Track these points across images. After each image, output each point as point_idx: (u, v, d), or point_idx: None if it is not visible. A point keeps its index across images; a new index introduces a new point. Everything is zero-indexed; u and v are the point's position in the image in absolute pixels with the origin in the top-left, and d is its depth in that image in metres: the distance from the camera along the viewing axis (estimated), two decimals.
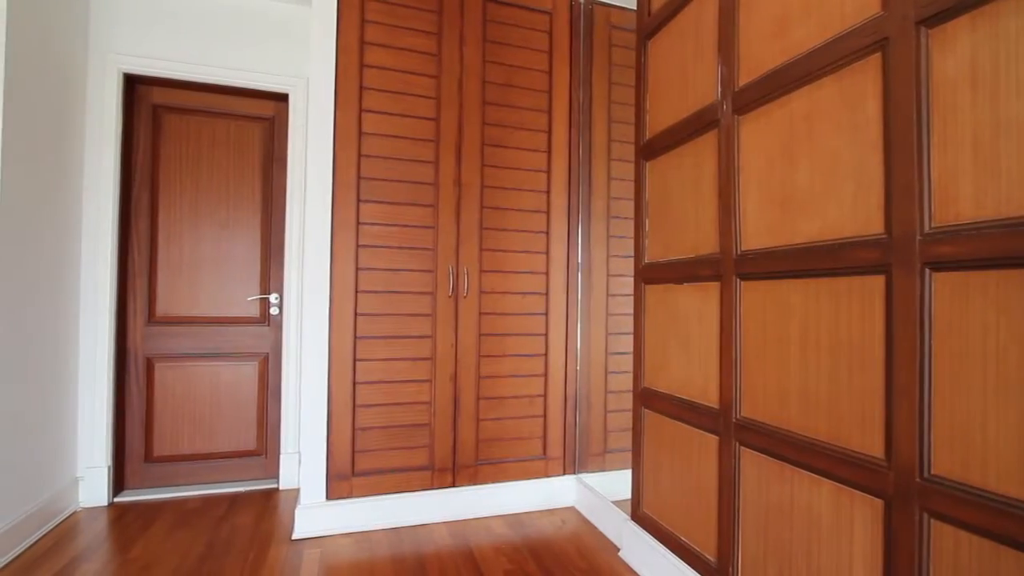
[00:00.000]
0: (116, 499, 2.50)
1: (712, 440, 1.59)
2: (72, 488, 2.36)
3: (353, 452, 2.21)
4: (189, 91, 2.63)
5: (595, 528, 2.28)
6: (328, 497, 2.17)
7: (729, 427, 1.51)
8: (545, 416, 2.48)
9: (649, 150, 1.97)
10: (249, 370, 2.70)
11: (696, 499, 1.66)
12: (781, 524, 1.33)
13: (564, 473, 2.50)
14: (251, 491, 2.65)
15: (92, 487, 2.43)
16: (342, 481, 2.19)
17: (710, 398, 1.61)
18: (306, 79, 2.71)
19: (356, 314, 2.21)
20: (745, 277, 1.47)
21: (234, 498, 2.55)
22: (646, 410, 1.96)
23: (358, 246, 2.22)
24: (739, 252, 1.50)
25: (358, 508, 2.20)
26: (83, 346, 2.42)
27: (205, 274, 2.65)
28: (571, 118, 2.55)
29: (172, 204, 2.61)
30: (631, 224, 2.60)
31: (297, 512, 2.14)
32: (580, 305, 2.54)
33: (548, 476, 2.48)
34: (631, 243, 2.59)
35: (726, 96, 1.55)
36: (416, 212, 2.30)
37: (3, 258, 1.89)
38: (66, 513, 2.31)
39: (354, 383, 2.21)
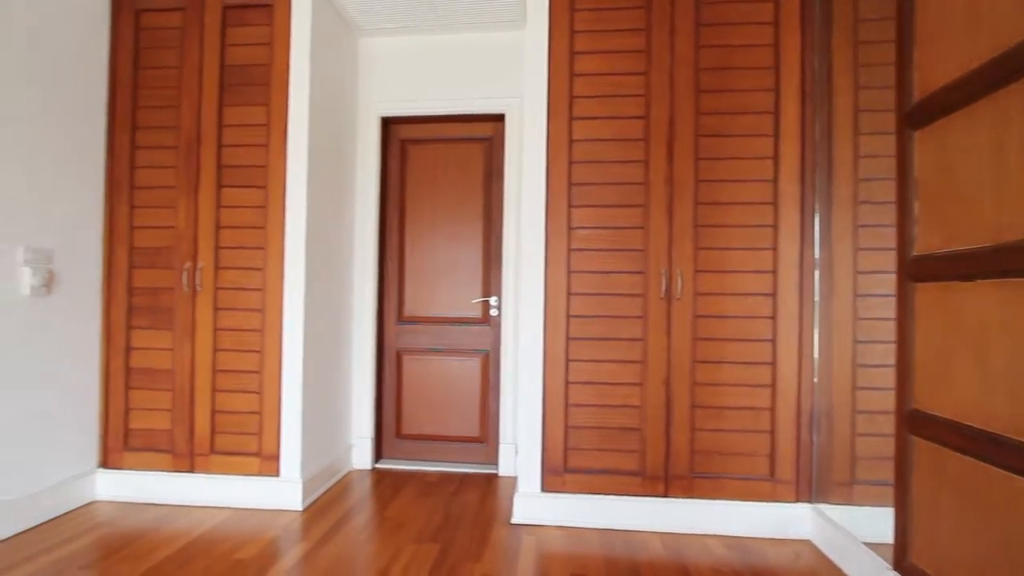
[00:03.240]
0: (376, 465, 3.04)
1: None
2: (347, 453, 2.95)
3: (566, 449, 2.28)
4: (426, 124, 3.08)
5: (839, 570, 1.94)
6: (543, 489, 2.29)
7: None
8: (773, 432, 2.21)
9: (920, 115, 1.60)
10: (473, 365, 3.02)
11: (1004, 561, 1.27)
12: None
13: (797, 500, 2.19)
14: (475, 473, 2.94)
15: (360, 453, 3.00)
16: (555, 476, 2.28)
17: None
18: (520, 97, 2.93)
19: (568, 316, 2.29)
20: None
21: (463, 478, 2.87)
22: (916, 438, 1.59)
23: (569, 250, 2.30)
24: None
25: (570, 504, 2.26)
26: (355, 341, 3.02)
27: (439, 280, 3.06)
28: (803, 92, 2.23)
29: (415, 221, 3.08)
30: (888, 210, 2.14)
31: (515, 499, 2.30)
32: (817, 308, 2.19)
33: (776, 501, 2.19)
34: (889, 233, 2.14)
35: None
36: (626, 213, 2.28)
37: (318, 275, 2.47)
38: (343, 472, 2.90)
39: (567, 382, 2.28)
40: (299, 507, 2.40)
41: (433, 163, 3.07)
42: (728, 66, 2.26)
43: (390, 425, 3.09)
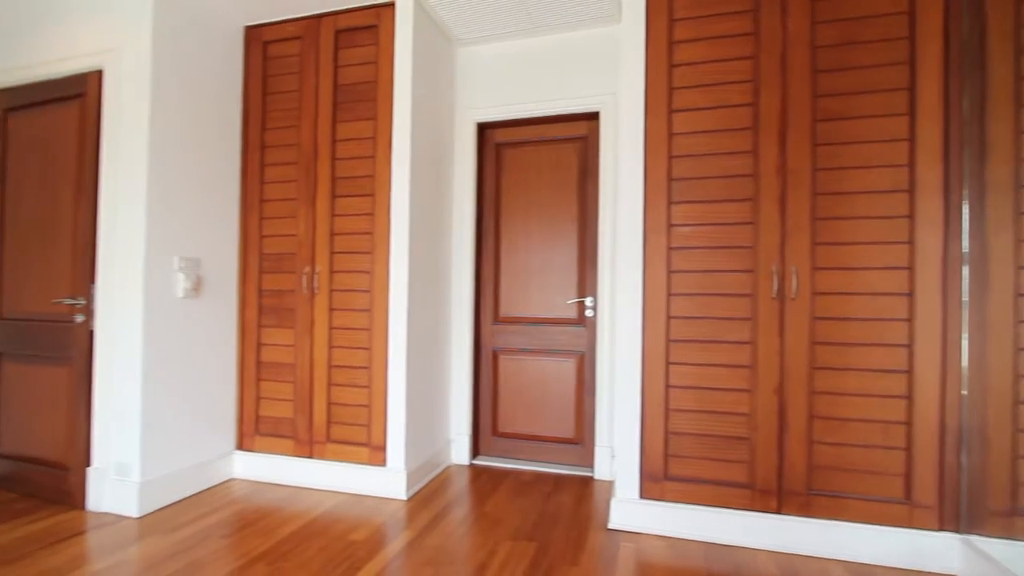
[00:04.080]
0: (474, 461, 3.12)
1: None
2: (447, 448, 3.07)
3: (666, 456, 2.19)
4: (520, 127, 3.12)
5: None
6: (641, 496, 2.22)
7: None
8: (909, 450, 1.95)
9: None
10: (568, 366, 3.01)
11: None
12: None
13: (941, 528, 1.91)
14: (570, 475, 2.92)
15: (459, 449, 3.10)
16: (655, 483, 2.20)
17: None
18: (614, 93, 2.87)
19: (669, 317, 2.20)
20: None
21: (558, 479, 2.87)
22: None
23: (669, 249, 2.20)
24: None
25: (670, 513, 2.17)
26: (453, 340, 3.13)
27: (534, 281, 3.08)
28: (947, 63, 1.95)
29: (510, 223, 3.13)
30: None
31: (612, 504, 2.25)
32: (966, 309, 1.91)
33: (913, 527, 1.94)
34: None
35: None
36: (731, 209, 2.14)
37: (419, 277, 2.60)
38: (443, 466, 3.01)
39: (667, 386, 2.19)
40: (403, 496, 2.54)
41: (527, 165, 3.10)
42: (851, 41, 2.03)
43: (487, 423, 3.17)
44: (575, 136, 3.03)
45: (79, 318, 2.44)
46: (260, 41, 2.83)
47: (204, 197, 2.63)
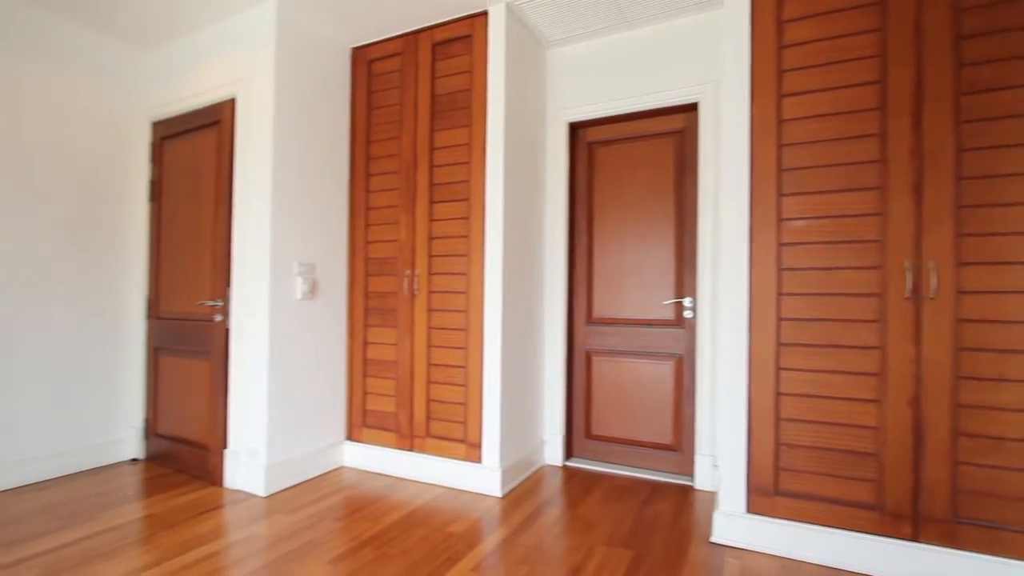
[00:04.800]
0: (567, 463, 3.11)
1: None
2: (540, 448, 3.08)
3: (776, 469, 2.03)
4: (612, 124, 3.05)
5: None
6: (748, 510, 2.07)
7: None
8: None
9: None
10: (666, 369, 2.89)
11: None
12: None
13: None
14: (668, 483, 2.81)
15: (552, 450, 3.10)
16: (763, 497, 2.04)
17: None
18: (715, 82, 2.71)
19: (779, 319, 2.03)
20: None
21: (654, 486, 2.76)
22: None
23: (780, 245, 2.04)
24: None
25: (782, 530, 2.00)
26: (546, 341, 3.14)
27: (628, 281, 3.00)
28: None
29: (603, 222, 3.08)
30: None
31: (715, 516, 2.12)
32: None
33: None
34: None
35: None
36: (853, 199, 1.94)
37: (513, 278, 2.65)
38: (537, 466, 3.03)
39: (777, 393, 2.03)
40: (498, 493, 2.59)
41: (620, 163, 3.03)
42: None
43: (580, 424, 3.14)
44: (671, 130, 2.91)
45: (217, 318, 2.77)
46: (365, 60, 3.04)
47: (318, 207, 2.87)
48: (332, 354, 2.98)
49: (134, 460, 3.11)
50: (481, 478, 2.63)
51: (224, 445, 2.73)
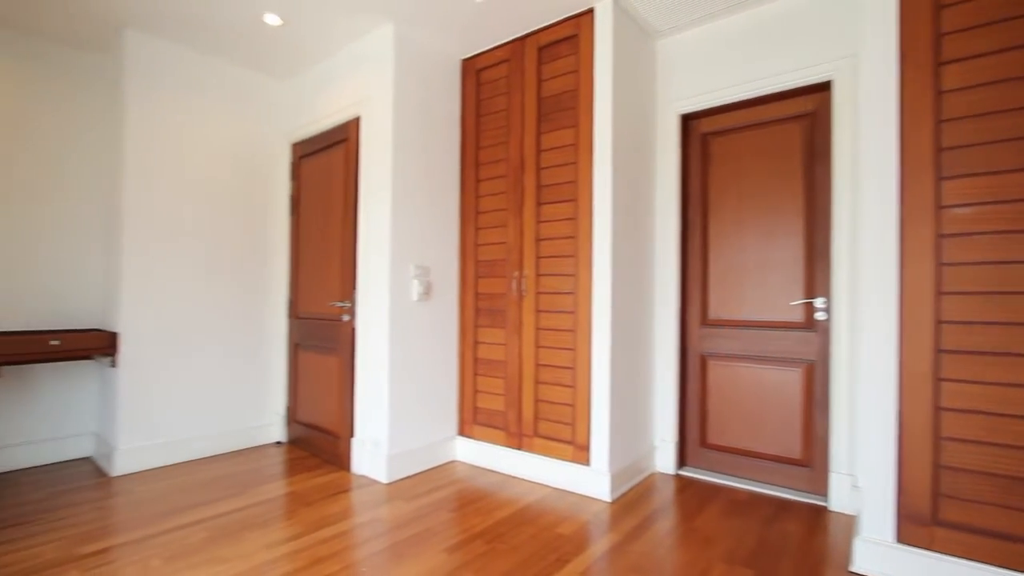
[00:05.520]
0: (680, 471, 2.96)
1: None
2: (650, 454, 2.96)
3: (935, 495, 1.76)
4: (728, 113, 2.86)
5: None
6: (897, 539, 1.82)
7: None
8: None
9: None
10: (793, 376, 2.64)
11: None
12: None
13: None
14: (797, 501, 2.55)
15: (663, 457, 2.97)
16: (918, 526, 1.78)
17: None
18: (851, 56, 2.43)
19: (937, 322, 1.76)
20: None
21: (781, 503, 2.53)
22: None
23: (939, 236, 1.76)
24: None
25: (940, 566, 1.73)
26: (656, 344, 3.02)
27: (748, 280, 2.78)
28: None
29: (719, 218, 2.89)
30: None
31: (856, 543, 1.89)
32: None
33: None
34: None
35: None
36: None
37: (622, 278, 2.59)
38: (647, 472, 2.92)
39: (936, 408, 1.76)
40: (607, 498, 2.53)
41: (738, 154, 2.83)
42: None
43: (694, 432, 2.97)
44: (798, 114, 2.65)
45: (345, 317, 3.03)
46: (474, 70, 3.16)
47: (432, 213, 3.03)
48: (445, 353, 3.13)
49: (278, 443, 3.52)
50: (589, 481, 2.60)
51: (351, 434, 2.98)
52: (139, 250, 2.94)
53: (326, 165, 3.25)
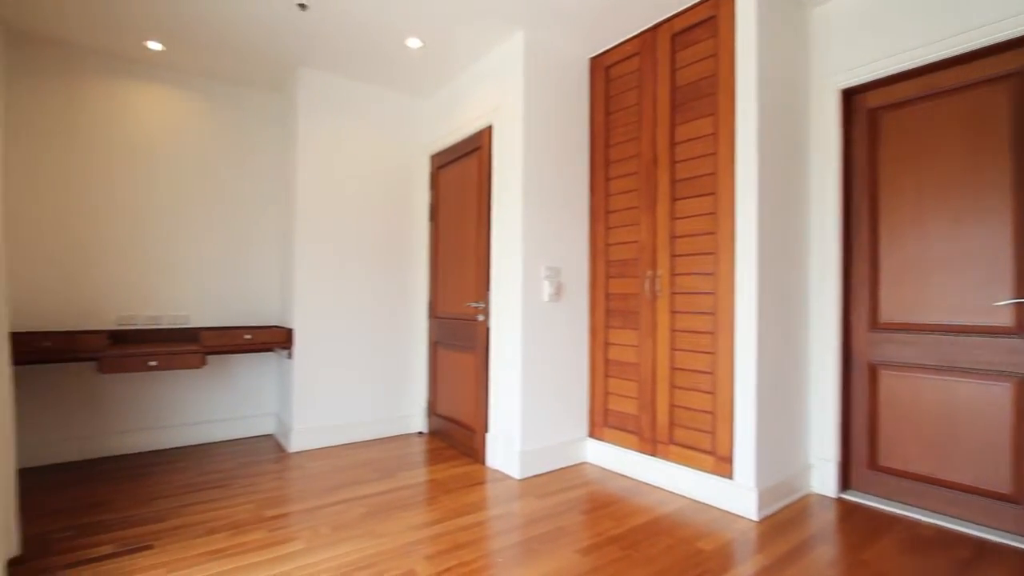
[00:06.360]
0: (842, 495, 2.61)
1: None
2: (805, 473, 2.66)
3: None
4: (905, 82, 2.46)
5: None
6: None
7: None
8: None
9: None
10: (997, 392, 2.18)
11: None
12: None
13: None
14: (1003, 544, 2.10)
15: (821, 477, 2.64)
16: None
17: None
18: None
19: None
20: None
21: (980, 544, 2.11)
22: None
23: None
24: None
25: None
26: (811, 350, 2.70)
27: (931, 277, 2.37)
28: None
29: (892, 208, 2.50)
30: None
31: None
32: None
33: None
34: None
35: None
36: None
37: (770, 277, 2.37)
38: (801, 493, 2.62)
39: None
40: (754, 517, 2.32)
41: (917, 128, 2.42)
42: None
43: (860, 451, 2.60)
44: (1002, 73, 2.19)
45: (480, 317, 3.17)
46: (603, 67, 3.11)
47: (561, 214, 3.05)
48: (575, 353, 3.12)
49: (420, 433, 3.79)
50: (733, 496, 2.40)
51: (486, 429, 3.11)
52: (307, 259, 3.38)
53: (461, 173, 3.44)
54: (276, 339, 3.32)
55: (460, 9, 2.69)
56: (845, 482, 2.64)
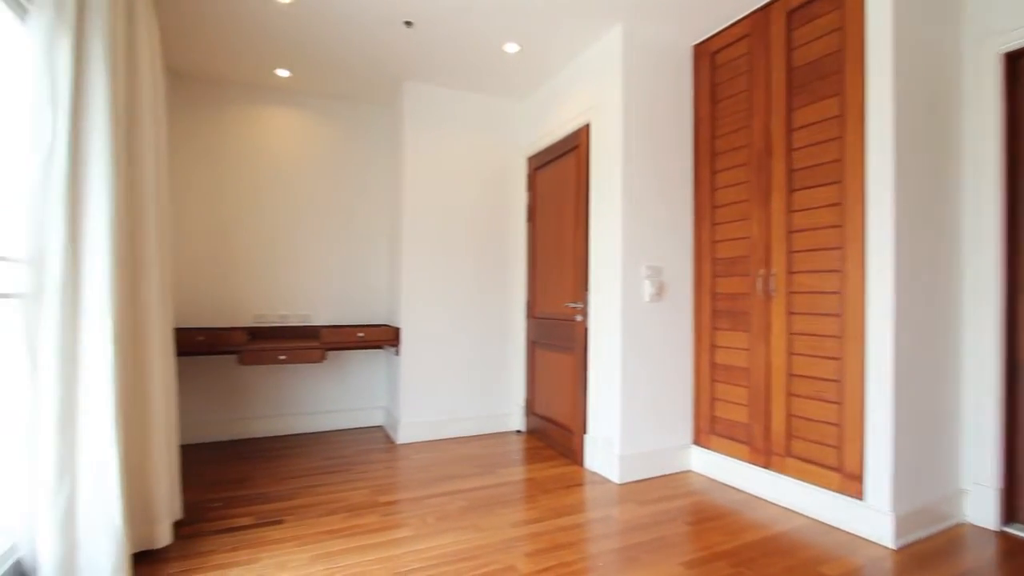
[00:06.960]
0: (1006, 527, 2.23)
1: None
2: (956, 499, 2.31)
3: None
4: None
5: None
6: None
7: None
8: None
9: None
10: None
11: None
12: None
13: None
14: None
15: (977, 505, 2.28)
16: None
17: None
18: None
19: None
20: None
21: None
22: None
23: None
24: None
25: None
26: (966, 357, 2.34)
27: None
28: None
29: None
30: None
31: None
32: None
33: None
34: None
35: None
36: None
37: (910, 274, 2.10)
38: (950, 522, 2.28)
39: None
40: (890, 544, 2.06)
41: None
42: None
43: None
44: None
45: (578, 318, 3.14)
46: (708, 54, 2.94)
47: (662, 211, 2.93)
48: (678, 356, 2.98)
49: (517, 431, 3.84)
50: (863, 519, 2.15)
51: (584, 430, 3.07)
52: (413, 261, 3.56)
53: (558, 173, 3.43)
54: (385, 337, 3.54)
55: (558, 10, 2.68)
56: (1010, 513, 2.25)
